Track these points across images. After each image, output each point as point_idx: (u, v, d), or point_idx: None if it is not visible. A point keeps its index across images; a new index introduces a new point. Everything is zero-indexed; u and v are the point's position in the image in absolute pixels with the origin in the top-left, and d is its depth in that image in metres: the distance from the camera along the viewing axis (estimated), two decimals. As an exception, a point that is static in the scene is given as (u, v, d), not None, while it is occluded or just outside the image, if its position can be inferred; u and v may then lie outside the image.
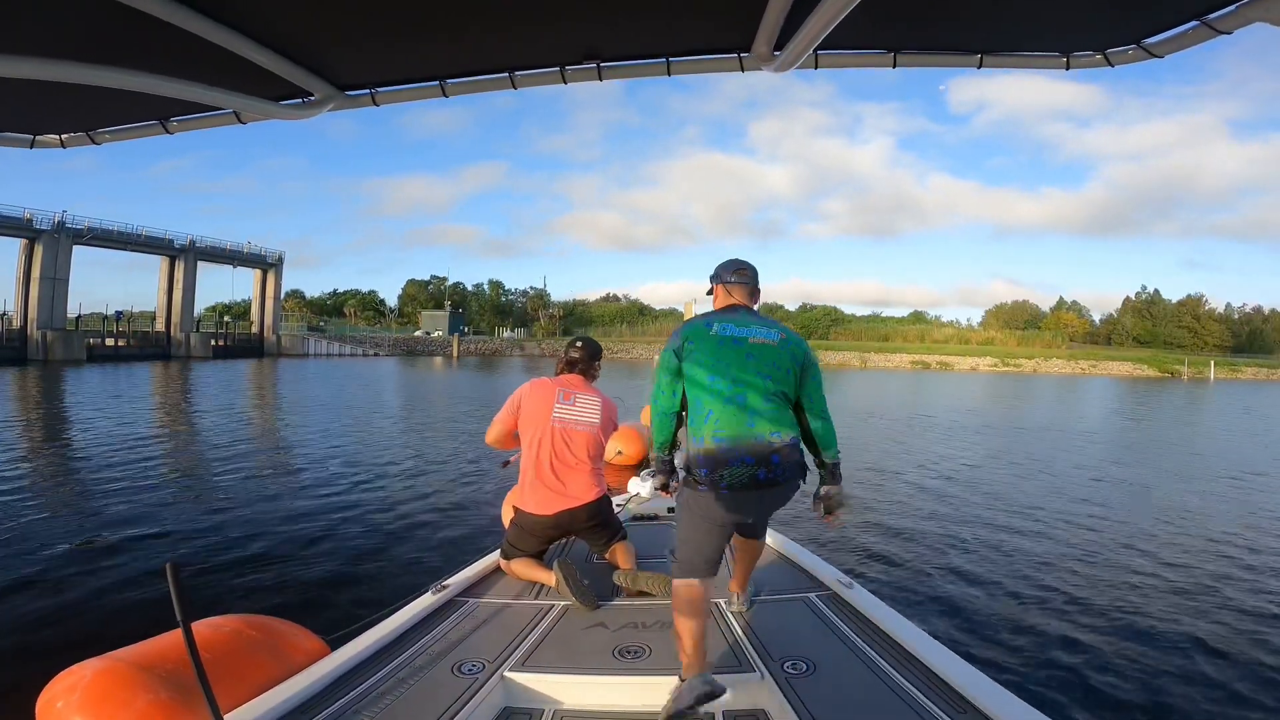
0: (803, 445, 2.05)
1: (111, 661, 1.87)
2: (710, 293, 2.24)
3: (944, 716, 1.63)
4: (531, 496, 2.75)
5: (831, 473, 2.09)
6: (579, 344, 2.98)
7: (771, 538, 3.14)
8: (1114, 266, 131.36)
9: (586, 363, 2.94)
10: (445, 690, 1.81)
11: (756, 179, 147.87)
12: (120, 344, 40.42)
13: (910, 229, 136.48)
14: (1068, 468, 9.61)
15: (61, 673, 1.85)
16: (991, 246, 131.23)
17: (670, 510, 3.68)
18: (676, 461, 2.13)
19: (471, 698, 1.76)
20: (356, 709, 1.72)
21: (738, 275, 2.17)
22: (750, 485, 1.90)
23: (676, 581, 1.94)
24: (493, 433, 2.89)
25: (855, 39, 1.81)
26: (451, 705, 1.72)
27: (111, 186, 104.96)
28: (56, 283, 36.59)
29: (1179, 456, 11.51)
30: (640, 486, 4.20)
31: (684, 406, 2.02)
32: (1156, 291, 75.40)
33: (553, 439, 2.74)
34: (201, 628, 2.20)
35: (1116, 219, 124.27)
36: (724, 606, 2.37)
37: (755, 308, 2.18)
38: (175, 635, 2.07)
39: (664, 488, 2.18)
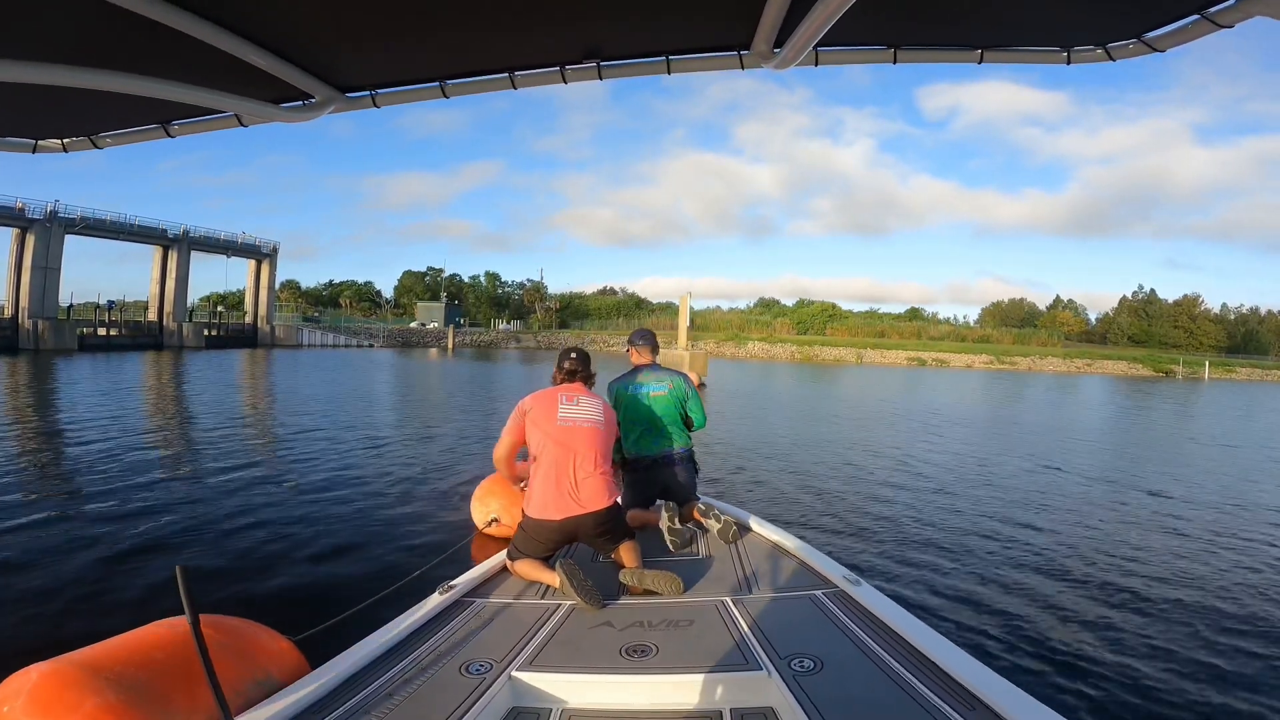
0: (692, 449, 3.56)
1: (60, 664, 1.80)
2: (627, 351, 3.67)
3: (953, 714, 1.61)
4: (539, 500, 2.73)
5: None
6: (573, 355, 3.04)
7: (779, 535, 3.20)
8: (1103, 266, 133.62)
9: (585, 371, 3.02)
10: (453, 690, 1.82)
11: (745, 178, 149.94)
12: (112, 334, 40.21)
13: (898, 227, 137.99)
14: (1075, 466, 9.57)
15: (9, 677, 1.79)
16: (978, 245, 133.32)
17: None
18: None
19: (480, 697, 1.77)
20: (366, 707, 1.73)
21: (643, 340, 3.63)
22: (654, 466, 3.45)
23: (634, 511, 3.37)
24: (501, 446, 2.91)
25: (855, 35, 1.80)
26: (460, 705, 1.73)
27: (113, 185, 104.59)
28: (48, 272, 36.33)
29: (1182, 456, 11.53)
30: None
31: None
32: (1153, 291, 75.66)
33: (559, 439, 2.75)
34: (161, 628, 2.14)
35: (1098, 219, 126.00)
36: (729, 603, 2.39)
37: (656, 359, 3.62)
38: (127, 637, 2.04)
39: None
